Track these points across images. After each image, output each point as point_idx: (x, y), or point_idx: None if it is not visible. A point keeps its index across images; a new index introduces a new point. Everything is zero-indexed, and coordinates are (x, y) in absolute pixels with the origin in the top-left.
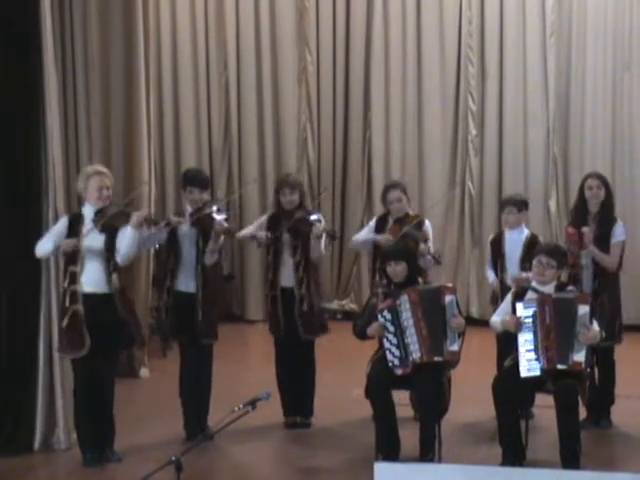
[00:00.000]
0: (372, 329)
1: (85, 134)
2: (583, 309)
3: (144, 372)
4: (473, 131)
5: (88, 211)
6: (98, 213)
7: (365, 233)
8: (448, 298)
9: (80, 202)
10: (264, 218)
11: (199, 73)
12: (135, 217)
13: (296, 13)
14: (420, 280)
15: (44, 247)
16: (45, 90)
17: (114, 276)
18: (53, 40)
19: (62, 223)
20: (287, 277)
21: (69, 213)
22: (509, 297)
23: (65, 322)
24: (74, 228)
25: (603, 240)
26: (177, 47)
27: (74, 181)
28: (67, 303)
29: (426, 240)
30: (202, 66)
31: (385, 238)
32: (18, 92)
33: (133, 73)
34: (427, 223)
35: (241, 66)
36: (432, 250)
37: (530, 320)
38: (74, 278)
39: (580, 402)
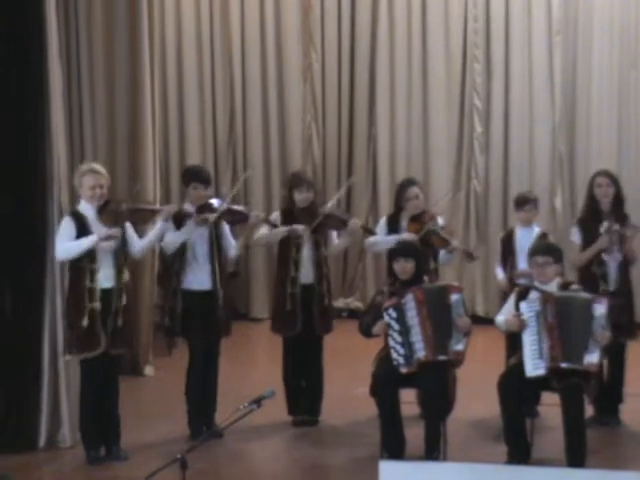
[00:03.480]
0: (377, 327)
1: (90, 130)
2: (600, 310)
3: (149, 370)
4: (478, 128)
5: (86, 209)
6: (101, 211)
7: (380, 235)
8: (454, 297)
9: (77, 199)
10: (276, 214)
11: (204, 70)
12: (166, 211)
13: (301, 10)
14: (425, 279)
15: (74, 248)
16: (50, 85)
17: (126, 271)
18: (57, 35)
19: (68, 224)
20: (306, 274)
21: (69, 212)
22: (513, 296)
23: (85, 322)
24: (80, 227)
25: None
26: (182, 43)
27: None
28: (86, 301)
29: (453, 235)
30: (207, 63)
31: (412, 237)
32: (23, 87)
33: (138, 69)
34: (440, 220)
35: (246, 63)
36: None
37: (534, 319)
38: (93, 276)
39: (586, 400)
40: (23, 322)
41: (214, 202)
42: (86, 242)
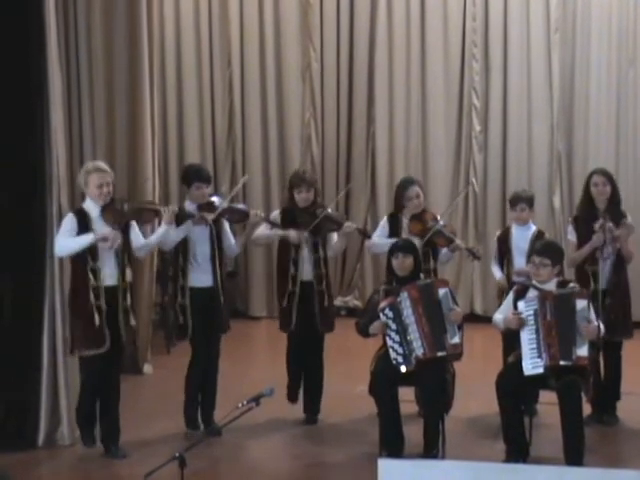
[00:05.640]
0: (374, 328)
1: (89, 130)
2: (581, 303)
3: (147, 368)
4: (477, 127)
5: (91, 207)
6: (104, 210)
7: (381, 234)
8: (441, 291)
9: (82, 197)
10: (276, 213)
11: (203, 69)
12: (169, 213)
13: (300, 9)
14: (422, 276)
15: (71, 244)
16: (49, 86)
17: (128, 270)
18: (57, 36)
19: (70, 220)
20: (305, 272)
21: (72, 210)
22: (511, 295)
23: (97, 320)
24: (82, 224)
25: None
26: (181, 44)
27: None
28: (91, 299)
29: (455, 234)
30: (206, 63)
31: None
32: (22, 88)
33: (137, 69)
34: (439, 218)
35: (245, 62)
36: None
37: (532, 318)
38: (96, 274)
39: (584, 398)
40: (22, 321)
41: (215, 200)
42: (83, 240)
